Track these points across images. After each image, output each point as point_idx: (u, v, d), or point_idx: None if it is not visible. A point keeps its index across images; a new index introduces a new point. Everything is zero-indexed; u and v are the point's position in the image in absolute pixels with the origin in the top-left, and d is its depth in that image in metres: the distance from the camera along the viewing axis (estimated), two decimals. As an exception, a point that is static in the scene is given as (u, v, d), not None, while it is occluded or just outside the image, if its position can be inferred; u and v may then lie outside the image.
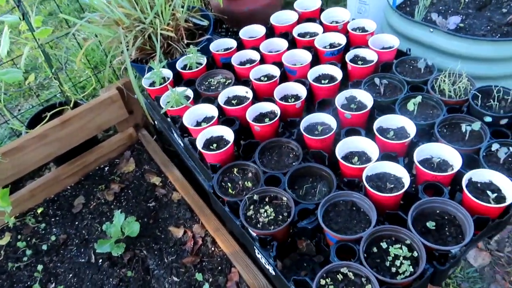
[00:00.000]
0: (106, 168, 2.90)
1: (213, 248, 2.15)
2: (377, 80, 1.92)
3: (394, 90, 1.93)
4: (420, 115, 1.78)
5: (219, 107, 1.95)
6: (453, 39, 2.21)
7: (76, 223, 2.59)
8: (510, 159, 1.54)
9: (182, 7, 2.34)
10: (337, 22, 2.40)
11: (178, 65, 2.24)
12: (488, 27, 2.42)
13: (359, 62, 2.06)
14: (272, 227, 1.47)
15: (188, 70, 2.21)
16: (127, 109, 2.77)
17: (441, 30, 2.28)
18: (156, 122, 2.50)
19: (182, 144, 2.08)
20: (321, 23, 2.37)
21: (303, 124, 1.78)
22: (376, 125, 1.70)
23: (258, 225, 1.49)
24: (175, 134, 2.12)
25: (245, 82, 2.10)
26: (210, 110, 1.95)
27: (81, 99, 2.77)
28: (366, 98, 1.84)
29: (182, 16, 2.35)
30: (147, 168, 2.82)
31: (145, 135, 2.89)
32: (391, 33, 2.70)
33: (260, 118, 1.90)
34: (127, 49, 2.34)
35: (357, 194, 1.48)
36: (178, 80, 2.26)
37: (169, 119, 2.06)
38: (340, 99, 1.86)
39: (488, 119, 1.65)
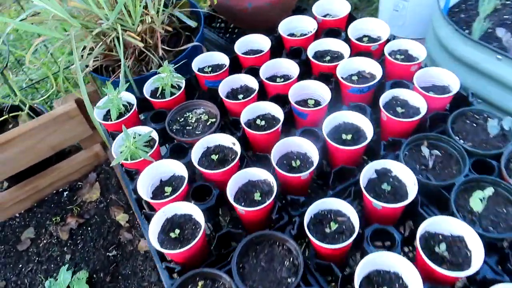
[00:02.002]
0: (65, 193, 2.37)
1: None
2: (425, 151, 1.30)
3: (447, 163, 1.31)
4: (488, 214, 1.17)
5: (189, 166, 1.35)
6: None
7: (20, 265, 2.09)
8: None
9: (159, 7, 1.70)
10: (370, 39, 1.74)
11: (147, 89, 1.62)
12: None
13: (399, 110, 1.43)
14: None
15: (158, 99, 1.60)
16: (90, 125, 2.18)
17: (516, 64, 1.62)
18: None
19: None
20: (347, 39, 1.72)
21: (310, 213, 1.19)
22: (421, 230, 1.10)
23: None
24: (131, 199, 1.54)
25: (236, 123, 1.49)
26: (178, 168, 1.36)
27: (40, 103, 2.19)
28: (406, 176, 1.23)
29: (158, 18, 1.71)
30: (113, 199, 2.27)
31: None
32: (435, 45, 2.03)
33: (247, 191, 1.31)
34: (87, 56, 1.72)
35: None
36: (146, 106, 1.66)
37: (125, 174, 1.47)
38: (367, 173, 1.25)
39: None
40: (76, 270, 1.95)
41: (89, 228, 2.15)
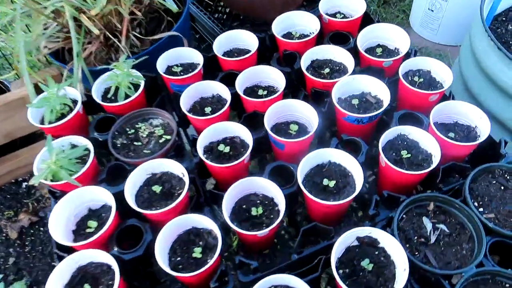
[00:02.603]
0: (24, 184, 2.13)
1: None
2: (428, 224, 0.96)
3: (457, 238, 0.97)
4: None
5: (118, 201, 1.06)
6: None
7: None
8: None
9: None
10: (384, 51, 1.38)
11: (97, 88, 1.32)
12: None
13: (404, 154, 1.08)
14: None
15: (109, 102, 1.30)
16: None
17: None
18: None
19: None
20: (356, 48, 1.36)
21: (257, 290, 0.88)
22: None
23: None
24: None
25: (194, 142, 1.18)
26: (105, 196, 1.07)
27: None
28: (396, 254, 0.90)
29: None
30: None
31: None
32: (469, 58, 1.64)
33: (188, 241, 1.01)
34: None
35: None
36: (95, 108, 1.37)
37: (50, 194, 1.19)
38: (346, 240, 0.93)
39: None
40: (16, 278, 1.73)
41: (41, 229, 1.91)
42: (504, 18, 1.82)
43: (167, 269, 0.91)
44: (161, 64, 1.37)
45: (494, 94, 1.52)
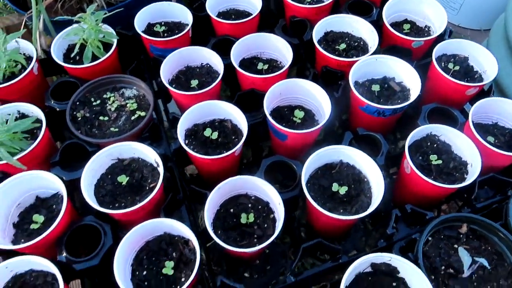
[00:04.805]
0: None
1: None
2: (464, 255, 0.76)
3: (495, 273, 0.78)
4: None
5: (74, 190, 0.84)
6: None
7: None
8: None
9: None
10: (413, 28, 1.15)
11: (58, 45, 1.06)
12: None
13: (433, 159, 0.88)
14: None
15: (72, 63, 1.05)
16: None
17: None
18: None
19: None
20: (380, 22, 1.13)
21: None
22: None
23: None
24: None
25: (174, 122, 0.94)
26: (56, 184, 0.84)
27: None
28: (418, 286, 0.71)
29: None
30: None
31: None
32: (502, 46, 1.42)
33: (158, 251, 0.80)
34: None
35: None
36: (55, 70, 1.11)
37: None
38: (359, 266, 0.74)
39: None
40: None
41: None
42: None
43: (126, 290, 0.70)
44: (141, 20, 1.10)
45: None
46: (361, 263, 0.74)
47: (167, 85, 0.97)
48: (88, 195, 0.81)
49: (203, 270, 0.89)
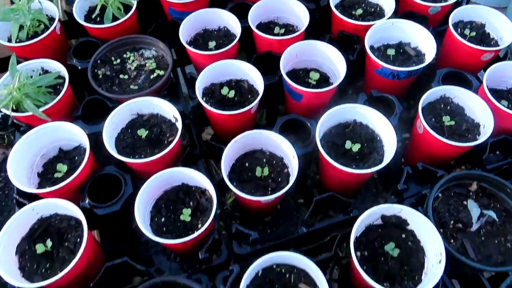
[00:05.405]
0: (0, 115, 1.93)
1: None
2: (473, 207, 0.78)
3: (503, 229, 0.80)
4: None
5: (96, 143, 0.87)
6: None
7: None
8: None
9: None
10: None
11: (80, 6, 1.09)
12: None
13: (446, 120, 0.89)
14: None
15: (93, 22, 1.08)
16: None
17: None
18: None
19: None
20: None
21: (256, 267, 0.72)
22: None
23: None
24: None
25: (192, 82, 0.97)
26: (79, 136, 0.88)
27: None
28: (429, 241, 0.74)
29: None
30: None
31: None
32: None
33: (176, 200, 0.83)
34: None
35: None
36: (77, 31, 1.14)
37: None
38: (369, 218, 0.76)
39: None
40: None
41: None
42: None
43: (147, 232, 0.74)
44: (160, -18, 1.12)
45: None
46: (371, 214, 0.76)
47: (186, 45, 0.99)
48: (110, 146, 0.85)
49: (219, 219, 0.92)
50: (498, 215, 0.80)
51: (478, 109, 0.89)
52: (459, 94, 0.92)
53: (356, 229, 0.74)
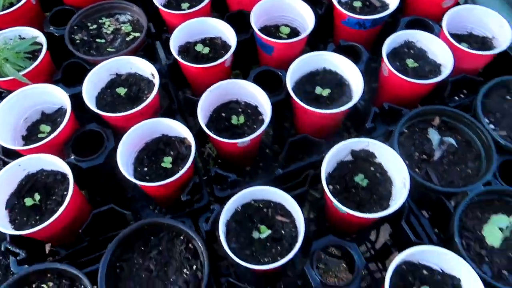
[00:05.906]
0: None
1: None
2: (434, 135, 0.84)
3: (463, 156, 0.86)
4: (508, 254, 0.75)
5: (76, 105, 0.90)
6: None
7: None
8: None
9: None
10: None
11: (52, -28, 1.11)
12: None
13: (410, 63, 0.94)
14: None
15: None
16: None
17: None
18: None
19: None
20: None
21: (235, 203, 0.77)
22: (398, 261, 0.69)
23: None
24: None
25: (167, 43, 1.00)
26: (60, 97, 0.91)
27: None
28: (395, 169, 0.79)
29: None
30: None
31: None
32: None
33: (157, 150, 0.87)
34: None
35: None
36: (50, 2, 1.15)
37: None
38: (338, 154, 0.81)
39: None
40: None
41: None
42: None
43: (130, 177, 0.78)
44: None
45: None
46: (340, 149, 0.81)
47: (158, 5, 1.02)
48: (90, 104, 0.88)
49: (201, 169, 0.97)
50: (459, 145, 0.86)
51: (440, 52, 0.94)
52: (421, 38, 0.97)
53: (327, 164, 0.79)
